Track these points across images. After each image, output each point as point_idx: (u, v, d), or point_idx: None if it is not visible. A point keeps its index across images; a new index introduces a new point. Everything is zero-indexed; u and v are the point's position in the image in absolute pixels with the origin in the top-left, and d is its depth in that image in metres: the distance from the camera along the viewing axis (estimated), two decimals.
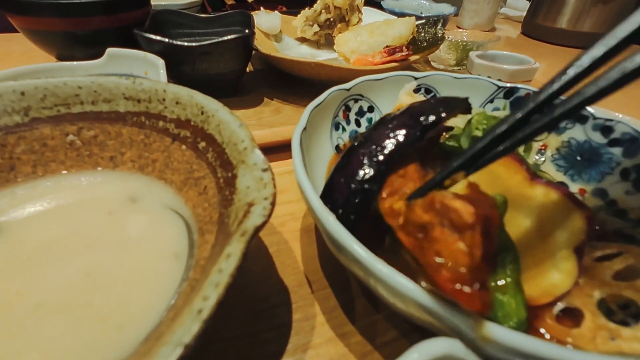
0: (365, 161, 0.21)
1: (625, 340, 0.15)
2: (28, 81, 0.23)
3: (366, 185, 0.20)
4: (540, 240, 0.19)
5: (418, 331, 0.22)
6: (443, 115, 0.21)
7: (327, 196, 0.22)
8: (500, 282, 0.19)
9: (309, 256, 0.27)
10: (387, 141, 0.21)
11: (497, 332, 0.12)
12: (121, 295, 0.18)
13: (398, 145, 0.21)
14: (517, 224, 0.20)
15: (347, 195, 0.20)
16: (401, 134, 0.21)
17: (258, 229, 0.14)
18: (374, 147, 0.21)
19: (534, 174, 0.20)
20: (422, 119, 0.21)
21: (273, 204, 0.15)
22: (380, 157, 0.21)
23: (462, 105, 0.23)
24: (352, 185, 0.20)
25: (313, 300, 0.24)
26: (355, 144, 0.22)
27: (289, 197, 0.33)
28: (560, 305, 0.18)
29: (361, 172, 0.20)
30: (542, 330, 0.18)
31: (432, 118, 0.21)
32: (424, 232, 0.15)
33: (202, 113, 0.22)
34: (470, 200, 0.14)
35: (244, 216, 0.15)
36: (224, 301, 0.11)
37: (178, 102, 0.23)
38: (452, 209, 0.14)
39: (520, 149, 0.29)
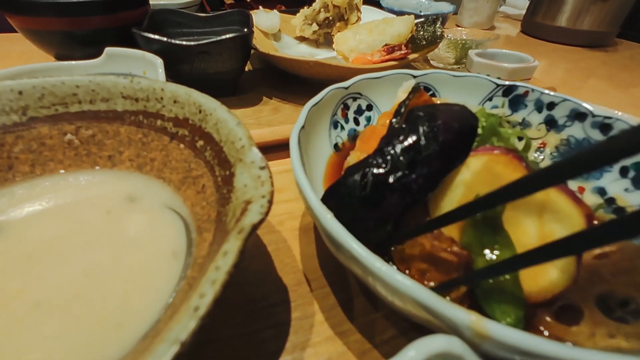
0: (399, 208, 0.20)
1: (624, 337, 0.15)
2: (26, 80, 0.23)
3: (389, 229, 0.21)
4: (539, 238, 0.19)
5: (417, 329, 0.22)
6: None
7: (346, 223, 0.18)
8: (497, 280, 0.19)
9: (307, 255, 0.27)
10: (418, 190, 0.20)
11: (494, 329, 0.12)
12: (120, 293, 0.18)
13: (424, 195, 0.21)
14: (516, 222, 0.20)
15: (370, 236, 0.20)
16: (432, 182, 0.21)
17: (255, 226, 0.14)
18: (409, 198, 0.20)
19: (533, 171, 0.20)
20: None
21: (271, 201, 0.15)
22: (407, 205, 0.21)
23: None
24: (381, 233, 0.21)
25: (312, 299, 0.24)
26: (390, 181, 0.20)
27: (287, 196, 0.33)
28: (559, 303, 0.18)
29: (389, 221, 0.21)
30: (541, 328, 0.18)
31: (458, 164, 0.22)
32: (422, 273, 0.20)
33: (200, 112, 0.22)
34: (454, 254, 0.20)
35: (242, 214, 0.15)
36: (220, 298, 0.11)
37: (176, 100, 0.23)
38: (443, 259, 0.20)
39: (520, 147, 0.29)
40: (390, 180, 0.20)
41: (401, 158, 0.20)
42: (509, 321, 0.18)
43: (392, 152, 0.21)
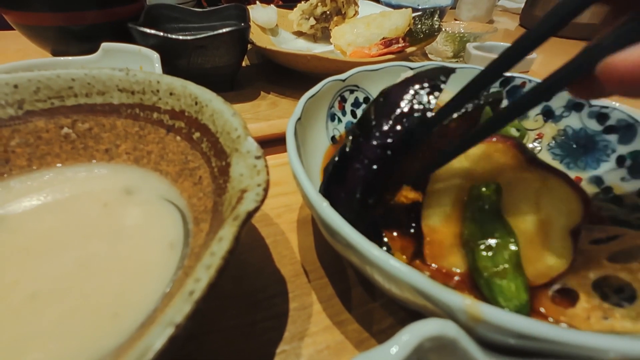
0: (364, 179, 0.21)
1: (618, 319, 0.16)
2: (21, 74, 0.23)
3: (370, 201, 0.21)
4: (537, 223, 0.19)
5: (414, 318, 0.22)
6: (429, 114, 0.21)
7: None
8: (499, 268, 0.19)
9: (305, 247, 0.27)
10: (379, 154, 0.21)
11: (488, 312, 0.13)
12: (116, 284, 0.18)
13: (393, 156, 0.21)
14: (514, 208, 0.20)
15: (351, 214, 0.21)
16: (392, 146, 0.21)
17: (250, 213, 0.14)
18: (366, 161, 0.21)
19: (531, 158, 0.20)
20: (410, 122, 0.21)
21: (266, 190, 0.15)
22: (377, 171, 0.21)
23: (441, 78, 0.23)
24: (354, 205, 0.21)
25: (310, 290, 0.24)
26: (347, 150, 0.22)
27: (285, 189, 0.33)
28: (556, 286, 0.18)
29: (360, 191, 0.21)
30: (541, 310, 0.18)
31: (417, 115, 0.21)
32: None
33: (196, 103, 0.22)
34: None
35: (237, 202, 0.15)
36: (215, 283, 0.11)
37: (172, 93, 0.23)
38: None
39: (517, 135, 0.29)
40: (349, 149, 0.22)
41: (358, 131, 0.22)
42: (512, 307, 0.18)
43: (354, 128, 0.23)
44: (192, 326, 0.11)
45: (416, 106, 0.21)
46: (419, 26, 0.54)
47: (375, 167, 0.21)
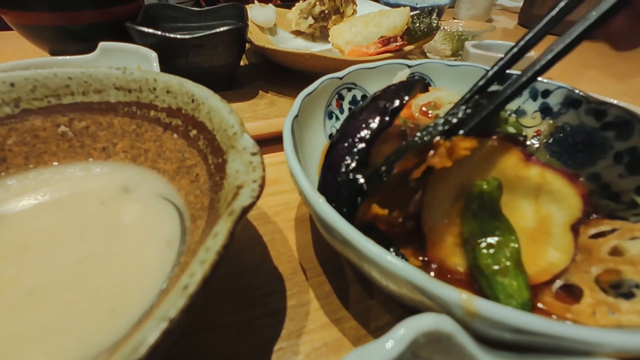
0: (347, 155, 0.22)
1: (624, 313, 0.16)
2: (17, 72, 0.23)
3: (351, 175, 0.21)
4: (537, 220, 0.19)
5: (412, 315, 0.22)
6: (406, 98, 0.23)
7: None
8: (500, 266, 0.19)
9: (303, 245, 0.27)
10: (362, 132, 0.23)
11: (484, 307, 0.13)
12: (113, 281, 0.18)
13: (372, 133, 0.22)
14: (514, 206, 0.20)
15: (337, 188, 0.21)
16: (373, 123, 0.23)
17: (246, 209, 0.14)
18: (350, 139, 0.22)
19: (530, 155, 0.20)
20: (387, 105, 0.23)
21: (262, 186, 0.15)
22: (360, 147, 0.22)
23: (420, 86, 0.25)
24: (339, 179, 0.21)
25: (307, 287, 0.24)
26: (334, 141, 0.24)
27: (283, 187, 0.33)
28: (559, 283, 0.18)
29: (344, 164, 0.22)
30: (543, 307, 0.18)
31: (397, 103, 0.23)
32: None
33: (193, 101, 0.22)
34: None
35: (233, 198, 0.15)
36: (210, 277, 0.11)
37: (169, 91, 0.23)
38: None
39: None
40: (335, 139, 0.23)
41: (344, 123, 0.24)
42: (514, 305, 0.18)
43: (342, 123, 0.25)
44: (187, 321, 0.11)
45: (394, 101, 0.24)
46: (417, 25, 0.54)
47: (360, 144, 0.22)
